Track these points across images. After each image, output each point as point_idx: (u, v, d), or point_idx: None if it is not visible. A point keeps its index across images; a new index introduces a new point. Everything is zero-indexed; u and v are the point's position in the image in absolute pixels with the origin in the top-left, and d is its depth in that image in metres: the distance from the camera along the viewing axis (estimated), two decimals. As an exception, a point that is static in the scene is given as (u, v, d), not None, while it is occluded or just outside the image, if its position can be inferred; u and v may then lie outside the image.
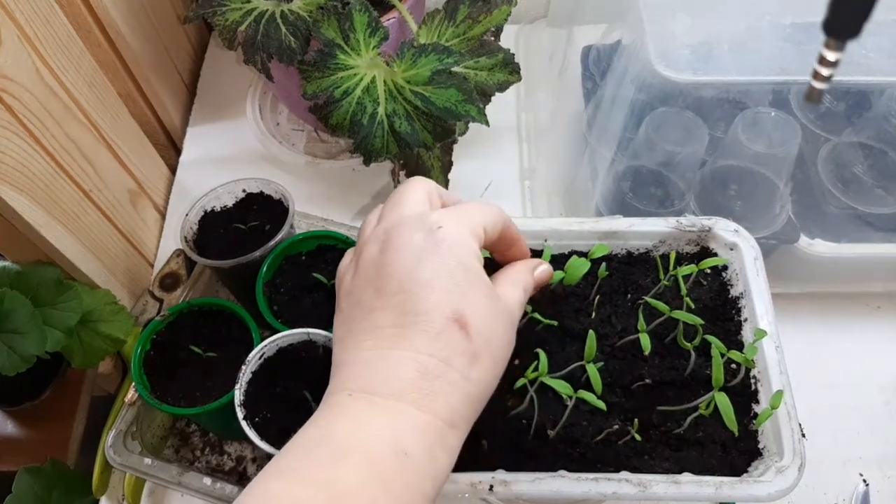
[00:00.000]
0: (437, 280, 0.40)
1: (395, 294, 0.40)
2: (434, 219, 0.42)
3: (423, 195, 0.44)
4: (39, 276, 0.66)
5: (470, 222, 0.43)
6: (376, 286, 0.41)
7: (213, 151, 0.96)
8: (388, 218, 0.43)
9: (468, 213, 0.44)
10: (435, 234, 0.41)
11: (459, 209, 0.44)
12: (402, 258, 0.41)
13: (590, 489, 0.49)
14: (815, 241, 0.73)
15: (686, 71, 0.62)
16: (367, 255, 0.43)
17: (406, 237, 0.41)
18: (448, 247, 0.41)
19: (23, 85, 0.61)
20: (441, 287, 0.40)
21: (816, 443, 0.71)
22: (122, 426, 0.67)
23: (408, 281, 0.40)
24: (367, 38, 0.72)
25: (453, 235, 0.41)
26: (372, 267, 0.42)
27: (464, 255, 0.41)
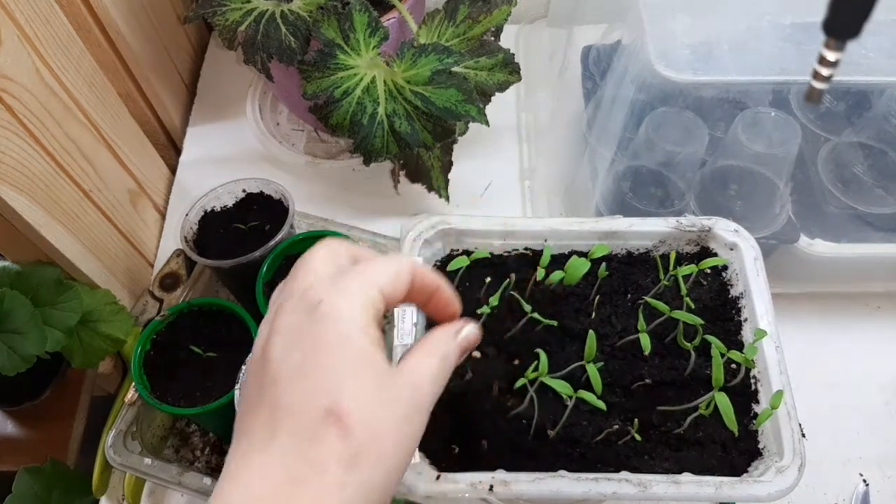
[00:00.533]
0: (310, 366, 0.35)
1: (269, 386, 0.35)
2: (315, 293, 0.37)
3: (325, 261, 0.39)
4: (39, 276, 0.66)
5: (361, 287, 0.37)
6: (259, 380, 0.36)
7: (213, 151, 0.96)
8: (283, 293, 0.39)
9: (359, 277, 0.38)
10: (315, 312, 0.36)
11: (349, 273, 0.38)
12: (278, 344, 0.36)
13: (590, 489, 0.49)
14: (815, 241, 0.73)
15: (686, 71, 0.62)
16: (258, 340, 0.38)
17: (284, 318, 0.36)
18: (327, 325, 0.35)
19: (23, 85, 0.61)
20: (315, 374, 0.34)
21: (816, 443, 0.71)
22: (122, 426, 0.67)
23: (280, 370, 0.35)
24: (367, 38, 0.72)
25: (336, 309, 0.36)
26: (258, 356, 0.37)
27: (346, 333, 0.35)
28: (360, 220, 0.83)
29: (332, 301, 0.36)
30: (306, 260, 0.39)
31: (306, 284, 0.37)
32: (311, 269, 0.39)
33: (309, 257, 0.39)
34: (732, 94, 0.79)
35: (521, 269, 0.61)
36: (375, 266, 0.38)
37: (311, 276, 0.38)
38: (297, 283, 0.38)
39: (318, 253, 0.40)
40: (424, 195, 0.84)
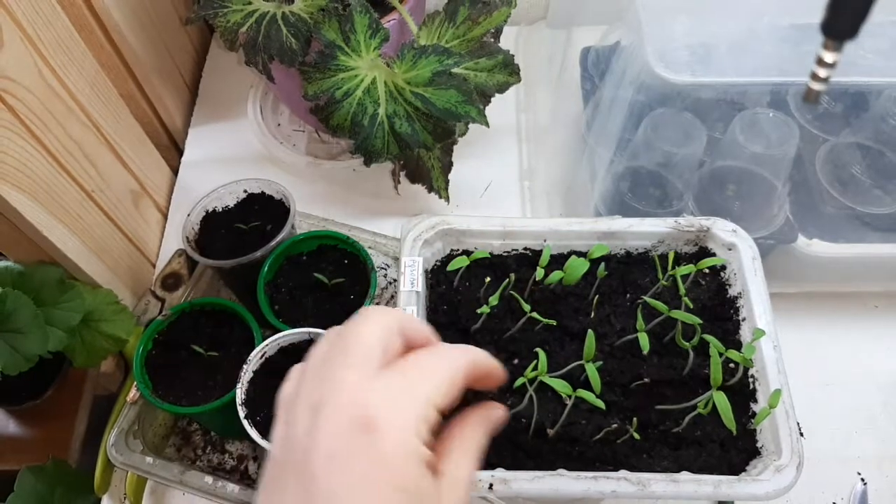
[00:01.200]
0: (358, 496, 0.33)
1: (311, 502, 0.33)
2: (374, 409, 0.34)
3: (376, 340, 0.36)
4: (42, 275, 0.67)
5: (420, 404, 0.35)
6: (303, 487, 0.33)
7: (214, 152, 0.96)
8: (327, 370, 0.36)
9: (422, 389, 0.35)
10: (369, 438, 0.33)
11: (412, 378, 0.36)
12: (324, 468, 0.33)
13: (589, 487, 0.50)
14: (812, 241, 0.73)
15: (684, 72, 0.62)
16: (299, 419, 0.35)
17: (335, 436, 0.33)
18: (385, 462, 0.33)
19: (25, 86, 0.62)
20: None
21: (814, 442, 0.71)
22: (124, 425, 0.67)
23: (326, 489, 0.33)
24: (368, 39, 0.72)
25: (392, 441, 0.33)
26: (299, 454, 0.34)
27: (404, 474, 0.34)
28: (360, 220, 0.83)
29: (392, 433, 0.34)
30: (359, 335, 0.37)
31: (356, 385, 0.35)
32: (366, 355, 0.36)
33: (361, 335, 0.37)
34: (731, 95, 0.79)
35: (521, 269, 0.61)
36: (434, 374, 0.36)
37: (360, 369, 0.35)
38: (347, 372, 0.35)
39: (374, 328, 0.37)
40: (424, 195, 0.85)
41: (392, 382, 0.35)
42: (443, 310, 0.60)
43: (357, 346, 0.36)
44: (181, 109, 0.99)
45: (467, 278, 0.61)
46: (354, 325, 0.37)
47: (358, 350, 0.36)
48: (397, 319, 0.38)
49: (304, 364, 0.39)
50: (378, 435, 0.33)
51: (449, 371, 0.37)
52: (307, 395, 0.36)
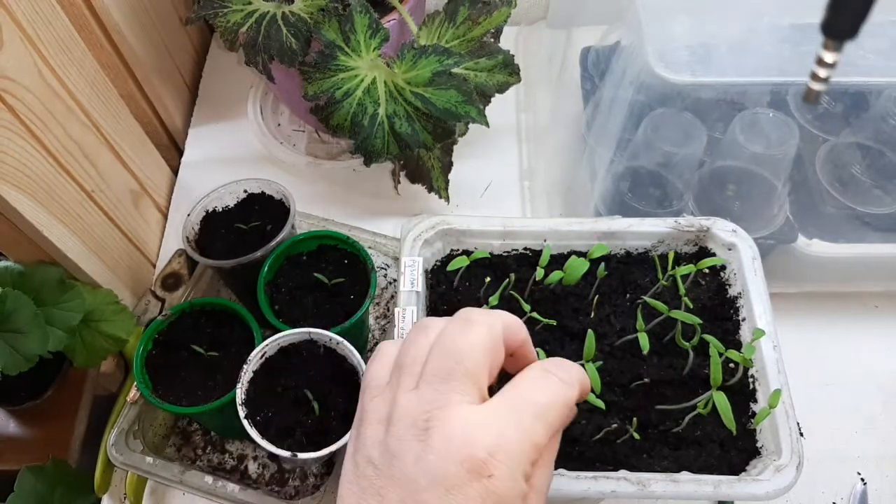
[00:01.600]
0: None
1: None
2: (483, 455, 0.34)
3: (483, 355, 0.37)
4: (42, 275, 0.67)
5: (527, 450, 0.35)
6: (401, 498, 0.34)
7: (214, 152, 0.96)
8: (434, 385, 0.36)
9: (527, 434, 0.35)
10: (484, 486, 0.34)
11: (517, 421, 0.36)
12: (434, 496, 0.34)
13: (589, 487, 0.50)
14: (812, 241, 0.73)
15: (684, 72, 0.62)
16: (403, 432, 0.35)
17: (449, 471, 0.34)
18: (493, 501, 0.34)
19: (25, 86, 0.62)
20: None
21: (814, 442, 0.72)
22: (125, 425, 0.67)
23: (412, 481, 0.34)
24: (368, 39, 0.72)
25: (504, 490, 0.34)
26: (402, 467, 0.35)
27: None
28: (360, 220, 0.83)
29: (500, 473, 0.34)
30: (470, 340, 0.37)
31: (464, 416, 0.35)
32: (464, 372, 0.36)
33: (466, 344, 0.37)
34: (731, 95, 0.79)
35: (521, 269, 0.61)
36: (544, 411, 0.37)
37: (465, 385, 0.36)
38: (451, 402, 0.36)
39: (478, 344, 0.37)
40: (424, 195, 0.85)
41: (503, 420, 0.35)
42: (443, 310, 0.60)
43: (465, 362, 0.36)
44: (181, 109, 0.99)
45: (467, 278, 0.61)
46: (461, 334, 0.37)
47: (467, 367, 0.36)
48: (501, 322, 0.39)
49: (397, 347, 0.39)
50: (492, 481, 0.34)
51: (562, 409, 0.37)
52: (412, 407, 0.36)
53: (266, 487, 0.70)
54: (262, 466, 0.72)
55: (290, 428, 0.59)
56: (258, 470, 0.72)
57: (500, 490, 0.34)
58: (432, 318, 0.40)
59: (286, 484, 0.71)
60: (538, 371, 0.38)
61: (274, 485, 0.71)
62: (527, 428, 0.36)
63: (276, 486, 0.71)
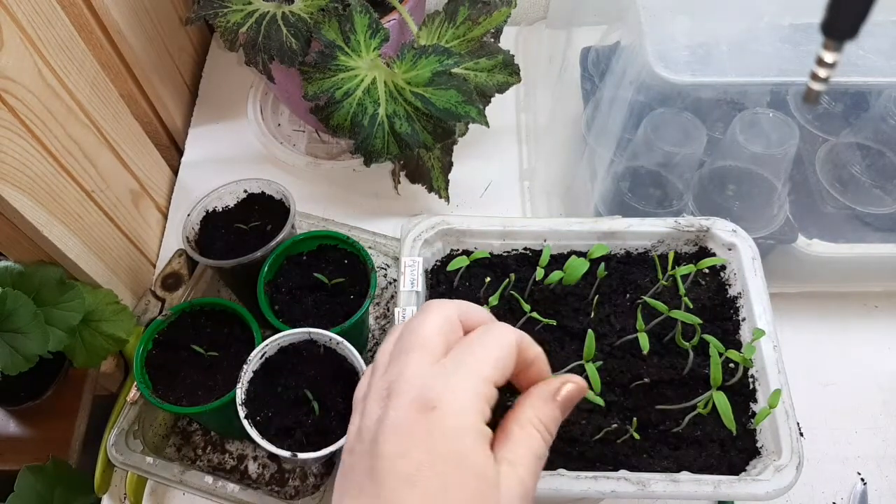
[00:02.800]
0: (423, 475, 0.35)
1: (379, 484, 0.35)
2: (434, 392, 0.36)
3: (436, 331, 0.39)
4: (42, 275, 0.67)
5: (476, 381, 0.37)
6: (369, 465, 0.36)
7: (214, 152, 0.96)
8: (395, 363, 0.39)
9: (475, 367, 0.37)
10: (430, 416, 0.35)
11: (465, 359, 0.38)
12: (391, 442, 0.36)
13: (589, 487, 0.50)
14: (812, 241, 0.73)
15: (684, 72, 0.62)
16: (370, 411, 0.38)
17: (398, 416, 0.36)
18: (442, 434, 0.35)
19: (25, 86, 0.62)
20: (423, 487, 0.34)
21: (814, 442, 0.72)
22: (124, 425, 0.67)
23: (390, 474, 0.35)
24: (368, 39, 0.72)
25: (451, 416, 0.36)
26: (368, 438, 0.37)
27: (460, 444, 0.36)
28: (360, 220, 0.83)
29: (450, 404, 0.36)
30: (422, 325, 0.39)
31: (418, 372, 0.37)
32: (428, 344, 0.38)
33: (424, 324, 0.39)
34: (731, 95, 0.79)
35: (521, 269, 0.61)
36: (485, 352, 0.38)
37: (419, 354, 0.38)
38: (412, 357, 0.38)
39: (434, 318, 0.40)
40: (424, 195, 0.85)
41: (448, 365, 0.38)
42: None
43: (419, 338, 0.39)
44: (181, 109, 0.99)
45: (467, 278, 0.61)
46: (417, 319, 0.40)
47: (421, 342, 0.39)
48: (456, 308, 0.41)
49: (373, 363, 0.42)
50: (438, 412, 0.36)
51: (499, 346, 0.39)
52: (377, 389, 0.39)
53: (266, 487, 0.70)
54: (262, 466, 0.72)
55: (290, 428, 0.59)
56: (258, 470, 0.72)
57: (447, 422, 0.35)
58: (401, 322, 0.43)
59: (286, 484, 0.71)
60: (479, 328, 0.41)
61: (274, 485, 0.71)
62: (472, 367, 0.38)
63: (276, 486, 0.71)
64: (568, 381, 0.41)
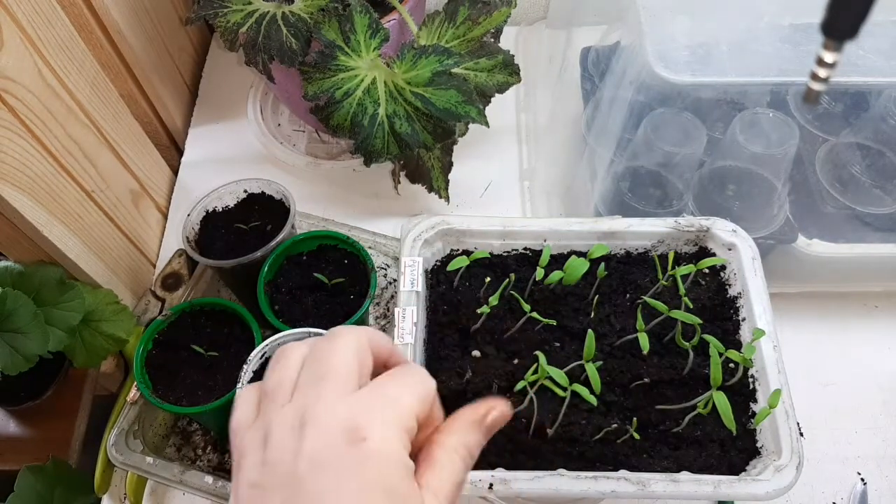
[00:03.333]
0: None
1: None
2: (358, 422, 0.34)
3: (352, 359, 0.37)
4: (42, 275, 0.67)
5: (402, 413, 0.36)
6: (285, 496, 0.34)
7: (214, 152, 0.96)
8: (307, 392, 0.36)
9: (401, 400, 0.36)
10: (359, 448, 0.34)
11: (388, 391, 0.36)
12: (318, 478, 0.33)
13: (588, 487, 0.50)
14: (812, 241, 0.73)
15: (684, 72, 0.62)
16: (279, 441, 0.35)
17: (323, 447, 0.34)
18: (374, 467, 0.34)
19: (25, 86, 0.62)
20: None
21: (814, 442, 0.72)
22: (125, 425, 0.67)
23: (317, 501, 0.33)
24: (368, 39, 0.72)
25: (381, 450, 0.34)
26: (283, 472, 0.34)
27: (391, 477, 0.34)
28: (360, 220, 0.83)
29: (378, 438, 0.34)
30: (334, 353, 0.37)
31: (344, 384, 0.36)
32: (342, 372, 0.36)
33: (336, 352, 0.37)
34: (731, 95, 0.79)
35: (521, 269, 0.61)
36: (408, 386, 0.37)
37: (344, 381, 0.36)
38: (328, 385, 0.36)
39: (347, 346, 0.37)
40: (424, 195, 0.85)
41: (374, 397, 0.36)
42: (443, 310, 0.60)
43: (334, 366, 0.36)
44: (181, 109, 0.99)
45: (467, 278, 0.61)
46: (328, 345, 0.37)
47: (336, 369, 0.36)
48: (366, 334, 0.39)
49: (258, 387, 0.39)
50: (365, 444, 0.34)
51: (423, 385, 0.38)
52: (283, 418, 0.35)
53: (266, 487, 0.70)
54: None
55: (290, 428, 0.59)
56: (258, 470, 0.72)
57: (378, 451, 0.34)
58: (286, 348, 0.40)
59: (286, 484, 0.71)
60: (401, 365, 0.39)
61: (274, 485, 0.71)
62: (392, 397, 0.36)
63: (276, 486, 0.71)
64: (494, 407, 0.41)
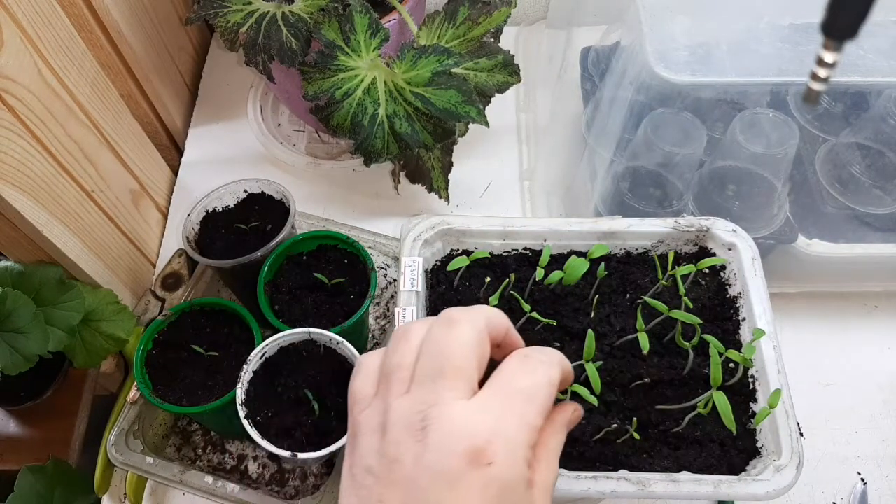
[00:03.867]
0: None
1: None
2: (482, 443, 0.34)
3: (470, 353, 0.37)
4: (42, 275, 0.67)
5: (523, 434, 0.35)
6: (403, 499, 0.34)
7: (214, 152, 0.96)
8: (425, 386, 0.36)
9: (526, 415, 0.36)
10: (483, 472, 0.34)
11: (513, 403, 0.36)
12: (442, 495, 0.34)
13: (589, 487, 0.50)
14: (812, 241, 0.73)
15: (684, 72, 0.62)
16: (398, 437, 0.35)
17: (447, 464, 0.34)
18: (497, 489, 0.34)
19: (25, 86, 0.62)
20: None
21: (814, 442, 0.72)
22: (125, 425, 0.67)
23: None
24: (368, 39, 0.72)
25: (505, 475, 0.34)
26: (404, 474, 0.34)
27: (513, 495, 0.35)
28: (360, 220, 0.83)
29: (503, 461, 0.34)
30: (455, 339, 0.37)
31: (459, 409, 0.35)
32: (453, 370, 0.36)
33: (451, 346, 0.37)
34: (731, 95, 0.79)
35: (521, 269, 0.61)
36: (533, 396, 0.37)
37: (455, 380, 0.36)
38: (447, 381, 0.36)
39: (463, 344, 0.37)
40: (424, 195, 0.85)
41: (496, 409, 0.36)
42: (443, 310, 0.60)
43: (452, 361, 0.36)
44: (181, 109, 0.99)
45: (467, 278, 0.61)
46: (445, 335, 0.37)
47: (454, 365, 0.36)
48: (484, 319, 0.39)
49: (380, 359, 0.39)
50: (492, 468, 0.34)
51: (547, 389, 0.38)
52: (405, 410, 0.36)
53: (266, 487, 0.70)
54: (262, 466, 0.72)
55: (290, 428, 0.59)
56: (258, 470, 0.72)
57: (502, 475, 0.34)
58: (411, 323, 0.40)
59: (286, 484, 0.71)
60: (518, 358, 0.39)
61: (274, 485, 0.71)
62: (518, 411, 0.36)
63: (276, 486, 0.71)
64: (577, 408, 0.43)
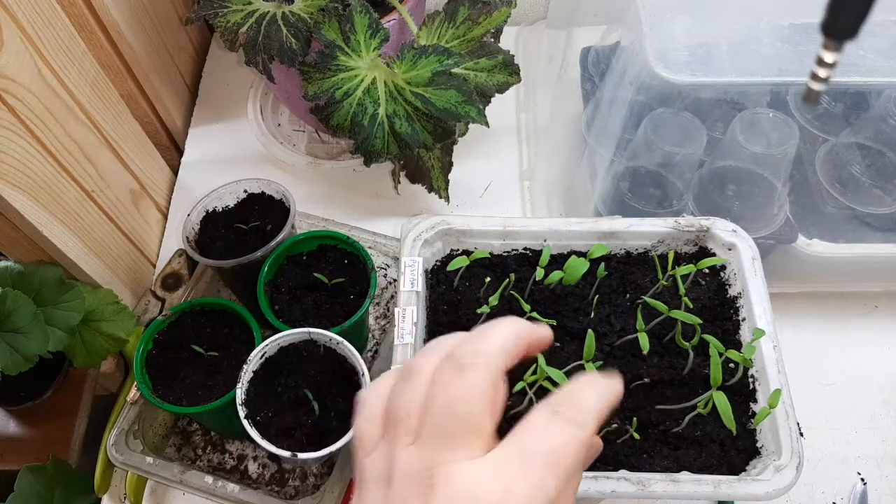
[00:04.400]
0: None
1: None
2: (506, 482, 0.32)
3: (484, 406, 0.34)
4: (42, 275, 0.67)
5: (542, 502, 0.32)
6: None
7: (214, 152, 0.96)
8: (434, 442, 0.33)
9: (544, 480, 0.32)
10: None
11: (527, 474, 0.32)
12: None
13: (588, 487, 0.50)
14: (812, 241, 0.73)
15: (684, 72, 0.62)
16: (404, 494, 0.33)
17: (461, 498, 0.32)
18: None
19: (25, 86, 0.62)
20: None
21: (814, 441, 0.72)
22: (125, 425, 0.67)
23: None
24: (368, 39, 0.72)
25: None
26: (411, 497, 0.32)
27: None
28: (360, 220, 0.83)
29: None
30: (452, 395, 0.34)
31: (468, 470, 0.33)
32: (463, 428, 0.33)
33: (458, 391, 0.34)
34: (731, 95, 0.79)
35: (521, 269, 0.61)
36: (555, 463, 0.33)
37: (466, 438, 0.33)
38: (455, 451, 0.33)
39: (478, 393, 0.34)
40: (424, 195, 0.85)
41: (510, 474, 0.32)
42: (443, 310, 0.60)
43: (464, 415, 0.33)
44: (181, 109, 0.99)
45: (467, 278, 0.61)
46: (455, 379, 0.34)
47: (466, 421, 0.33)
48: (502, 353, 0.35)
49: (384, 394, 0.37)
50: None
51: (575, 455, 0.33)
52: (412, 464, 0.33)
53: (266, 487, 0.70)
54: (262, 466, 0.72)
55: (290, 428, 0.59)
56: (258, 470, 0.72)
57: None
58: (418, 358, 0.37)
59: (286, 484, 0.71)
60: (545, 413, 0.34)
61: (274, 485, 0.71)
62: (535, 480, 0.32)
63: (276, 486, 0.71)
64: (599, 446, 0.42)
